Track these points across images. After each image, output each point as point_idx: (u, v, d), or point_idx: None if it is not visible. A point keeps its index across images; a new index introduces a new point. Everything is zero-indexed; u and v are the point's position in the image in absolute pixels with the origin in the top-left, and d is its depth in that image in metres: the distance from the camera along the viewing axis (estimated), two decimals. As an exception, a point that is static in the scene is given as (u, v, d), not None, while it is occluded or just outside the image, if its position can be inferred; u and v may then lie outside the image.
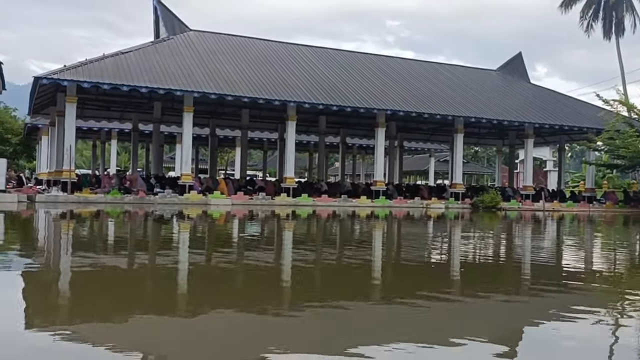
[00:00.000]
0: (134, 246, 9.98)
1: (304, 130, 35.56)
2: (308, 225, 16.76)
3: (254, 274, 7.05)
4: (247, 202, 23.54)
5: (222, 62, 26.47)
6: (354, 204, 25.42)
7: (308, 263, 8.25)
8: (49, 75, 21.43)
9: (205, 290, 5.77)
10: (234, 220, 16.80)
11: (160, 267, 7.41)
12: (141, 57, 24.41)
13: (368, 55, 35.33)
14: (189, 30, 29.05)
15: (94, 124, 36.00)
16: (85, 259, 7.65)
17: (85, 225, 14.17)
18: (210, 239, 11.49)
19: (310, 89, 26.18)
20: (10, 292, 5.56)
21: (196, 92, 23.13)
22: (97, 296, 5.29)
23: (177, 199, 22.43)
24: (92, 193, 22.07)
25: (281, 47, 31.22)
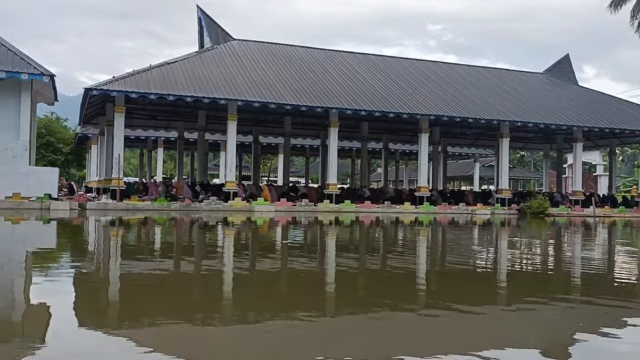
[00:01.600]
0: (183, 252, 10.14)
1: (346, 137, 35.54)
2: (352, 231, 16.70)
3: (302, 280, 7.04)
4: (290, 209, 23.64)
5: (265, 70, 26.75)
6: (398, 210, 25.22)
7: (354, 269, 8.20)
8: (99, 87, 22.08)
9: (252, 296, 5.80)
10: (278, 227, 16.88)
11: (208, 273, 7.50)
12: (186, 67, 24.90)
13: (410, 60, 35.08)
14: (233, 39, 29.47)
15: (141, 132, 36.92)
16: (135, 265, 7.81)
17: (134, 232, 14.49)
18: (257, 246, 11.57)
19: (352, 95, 26.16)
20: (63, 297, 5.72)
21: (240, 101, 23.43)
22: (147, 301, 5.38)
23: (222, 206, 22.71)
24: (140, 200, 22.56)
25: (323, 54, 31.33)
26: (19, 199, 19.49)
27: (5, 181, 19.54)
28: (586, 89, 36.26)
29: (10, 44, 20.93)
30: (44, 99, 23.91)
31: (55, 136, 44.42)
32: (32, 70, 19.89)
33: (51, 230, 14.30)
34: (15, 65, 19.79)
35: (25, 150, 20.37)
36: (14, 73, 19.50)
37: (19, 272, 7.39)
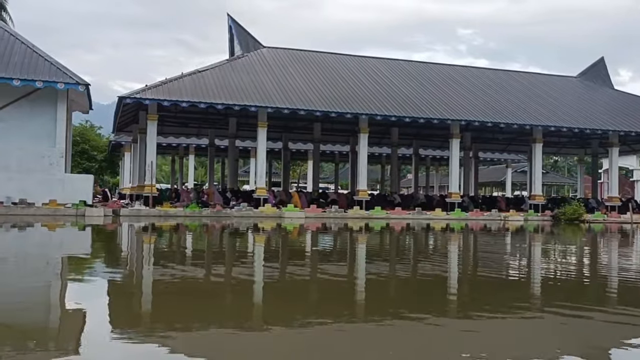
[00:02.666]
0: (215, 259, 10.21)
1: (376, 142, 35.41)
2: (383, 238, 16.60)
3: (333, 287, 7.01)
4: (320, 215, 23.63)
5: (295, 77, 26.86)
6: (429, 217, 24.98)
7: (386, 277, 8.13)
8: (132, 95, 22.47)
9: (283, 302, 5.79)
10: (308, 234, 16.88)
11: (239, 279, 7.52)
12: (217, 75, 25.17)
13: (440, 65, 34.82)
14: (262, 47, 29.69)
15: (173, 140, 37.42)
16: (167, 271, 7.88)
17: (167, 239, 14.65)
18: (287, 252, 11.58)
19: (382, 101, 26.07)
20: (97, 302, 5.80)
21: (270, 108, 23.56)
22: (179, 307, 5.41)
23: (252, 212, 22.83)
24: (172, 207, 22.83)
25: (352, 60, 31.33)
26: (55, 205, 19.91)
27: (42, 188, 20.00)
28: (622, 93, 35.44)
29: (47, 54, 21.47)
30: (79, 107, 24.43)
31: (89, 144, 45.32)
32: (68, 80, 20.35)
33: (86, 236, 14.56)
34: (52, 75, 20.28)
35: (61, 157, 20.82)
36: (50, 82, 19.98)
37: (55, 278, 7.53)
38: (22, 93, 20.26)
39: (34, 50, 21.40)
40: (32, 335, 4.36)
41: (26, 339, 4.23)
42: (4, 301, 5.63)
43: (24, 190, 19.78)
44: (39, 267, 8.70)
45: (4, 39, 21.70)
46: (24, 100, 20.43)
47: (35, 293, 6.30)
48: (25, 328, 4.59)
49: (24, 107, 20.48)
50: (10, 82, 19.45)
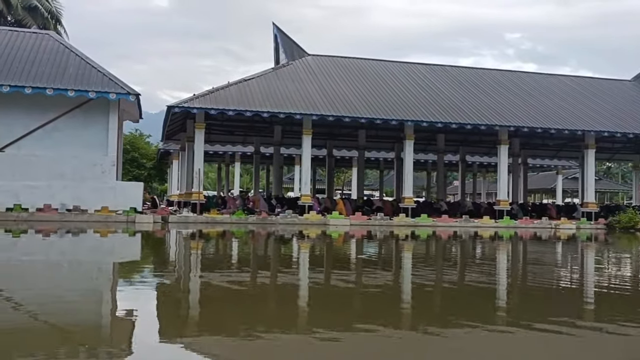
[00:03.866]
0: (261, 265, 10.26)
1: (422, 149, 35.02)
2: (431, 246, 16.37)
3: (379, 294, 6.93)
4: (365, 223, 23.50)
5: (339, 84, 26.88)
6: (476, 225, 24.50)
7: (433, 285, 7.99)
8: (180, 104, 22.92)
9: (328, 308, 5.74)
10: (354, 241, 16.80)
11: (285, 284, 7.52)
12: (263, 84, 25.43)
13: (487, 70, 34.23)
14: (307, 55, 29.85)
15: (219, 147, 37.96)
16: (215, 277, 7.96)
17: (214, 245, 14.84)
18: (333, 259, 11.55)
19: (428, 107, 25.80)
20: (147, 306, 5.91)
21: (315, 115, 23.63)
22: (227, 312, 5.44)
23: (298, 220, 22.90)
24: (219, 214, 23.13)
25: (397, 67, 31.14)
26: (107, 212, 20.47)
27: (95, 195, 20.59)
28: (680, 96, 33.97)
29: (99, 66, 22.15)
30: (130, 116, 25.08)
31: (139, 152, 46.47)
32: (120, 90, 20.93)
33: (137, 242, 14.89)
34: (104, 85, 20.90)
35: (113, 166, 21.40)
36: (103, 93, 20.60)
37: (107, 283, 7.71)
38: (76, 103, 20.94)
39: (87, 62, 22.11)
40: (84, 339, 4.45)
41: (78, 343, 4.33)
42: (58, 305, 5.79)
43: (77, 197, 20.41)
44: (92, 272, 8.93)
45: (60, 52, 22.52)
46: (78, 110, 21.12)
47: (88, 297, 6.45)
48: (78, 332, 4.70)
49: (78, 116, 21.16)
50: (66, 93, 20.15)
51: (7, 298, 6.24)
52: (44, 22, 34.33)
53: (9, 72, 20.44)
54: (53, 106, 20.70)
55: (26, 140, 20.61)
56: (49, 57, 21.98)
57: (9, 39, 22.77)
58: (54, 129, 20.90)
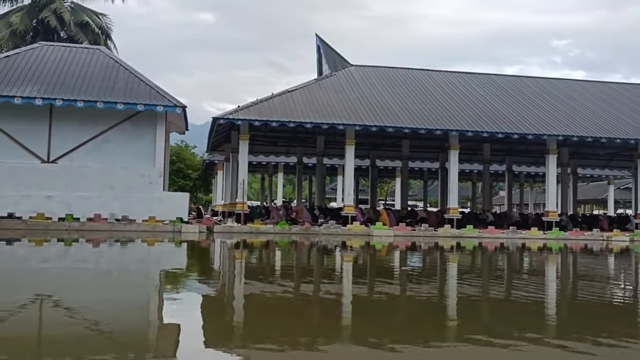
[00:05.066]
0: (305, 275, 10.25)
1: (467, 159, 34.49)
2: (477, 257, 16.05)
3: (423, 306, 6.81)
4: (409, 234, 23.24)
5: (383, 95, 26.79)
6: (524, 236, 23.90)
7: (479, 297, 7.81)
8: (225, 116, 23.27)
9: (371, 320, 5.66)
10: (398, 252, 16.63)
11: (328, 295, 7.48)
12: (306, 94, 25.57)
13: (534, 78, 33.52)
14: (350, 65, 29.90)
15: (263, 158, 38.34)
16: (259, 286, 7.99)
17: (259, 255, 14.94)
18: (377, 270, 11.44)
19: (473, 117, 25.42)
20: (192, 314, 5.97)
21: (358, 125, 23.60)
22: (270, 322, 5.43)
23: (341, 230, 22.84)
24: (263, 224, 23.30)
25: (441, 76, 30.84)
26: (154, 222, 20.89)
27: (143, 206, 21.06)
28: None
29: (147, 79, 22.72)
30: (176, 128, 25.60)
31: (185, 163, 47.41)
32: (167, 103, 21.41)
33: (184, 252, 15.12)
34: (152, 98, 21.41)
35: (160, 176, 21.85)
36: (151, 106, 21.10)
37: (154, 291, 7.83)
38: (125, 116, 21.52)
39: (136, 75, 22.71)
40: (131, 346, 4.52)
41: (126, 349, 4.40)
42: (106, 312, 5.91)
43: (126, 207, 20.91)
44: (140, 280, 9.10)
45: (110, 66, 23.21)
46: (127, 123, 21.68)
47: (135, 305, 6.57)
48: (125, 339, 4.78)
49: (127, 129, 21.72)
50: (115, 106, 20.73)
51: (58, 305, 6.41)
52: (94, 37, 35.50)
53: (62, 86, 21.18)
54: (103, 119, 21.32)
55: (78, 152, 21.27)
56: (99, 71, 22.68)
57: (62, 55, 23.62)
58: (104, 141, 21.51)
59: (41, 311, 6.06)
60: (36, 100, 20.22)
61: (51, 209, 20.25)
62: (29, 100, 20.18)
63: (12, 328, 5.17)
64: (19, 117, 20.66)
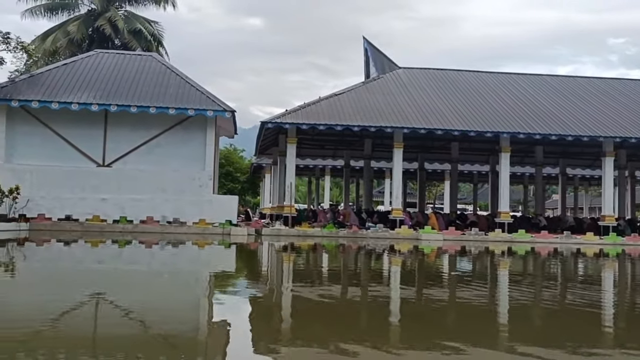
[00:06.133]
0: (352, 278, 10.19)
1: (518, 162, 33.69)
2: (530, 263, 15.62)
3: (475, 312, 6.65)
4: (459, 238, 22.84)
5: (431, 97, 26.48)
6: (579, 241, 23.12)
7: (532, 305, 7.57)
8: (273, 120, 23.48)
9: (420, 325, 5.56)
10: (448, 256, 16.36)
11: (378, 299, 7.40)
12: (353, 98, 25.52)
13: (588, 78, 32.46)
14: (398, 67, 29.69)
15: (310, 161, 38.45)
16: (307, 289, 7.98)
17: (307, 258, 14.96)
18: (426, 274, 11.27)
19: (524, 119, 24.81)
20: (242, 316, 6.01)
21: (406, 128, 23.39)
22: (318, 325, 5.40)
23: (389, 234, 22.66)
24: (310, 227, 23.36)
25: (491, 77, 30.24)
26: (204, 224, 21.25)
27: (193, 209, 21.45)
28: None
29: (197, 84, 23.17)
30: (225, 132, 25.99)
31: (233, 166, 48.04)
32: (216, 107, 21.77)
33: (233, 254, 15.30)
34: (202, 103, 21.82)
35: (210, 180, 22.22)
36: (201, 110, 21.51)
37: (204, 293, 7.93)
38: (176, 121, 21.99)
39: (186, 81, 23.19)
40: (181, 347, 4.58)
41: (176, 349, 4.46)
42: (158, 313, 6.02)
43: (177, 210, 21.34)
44: (191, 282, 9.25)
45: (161, 72, 23.78)
46: (178, 127, 22.15)
47: (186, 306, 6.67)
48: (175, 340, 4.85)
49: (178, 133, 22.19)
50: (167, 111, 21.22)
51: (111, 305, 6.57)
52: (147, 44, 36.46)
53: (117, 92, 21.82)
54: (155, 123, 21.85)
55: (131, 156, 21.86)
56: (152, 77, 23.26)
57: (117, 62, 24.35)
58: (156, 145, 22.04)
59: (96, 310, 6.23)
60: (92, 106, 20.91)
61: (106, 212, 20.87)
62: (86, 106, 20.88)
63: (68, 325, 5.33)
64: (76, 123, 21.39)
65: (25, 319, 5.55)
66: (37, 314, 5.73)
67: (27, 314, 5.78)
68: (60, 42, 34.94)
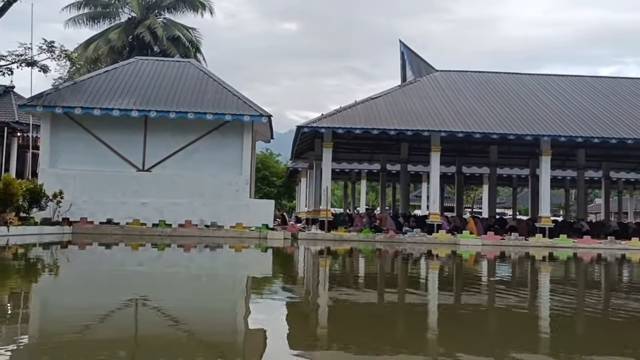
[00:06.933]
0: (389, 284, 10.10)
1: (559, 165, 32.92)
2: (573, 268, 15.22)
3: (516, 319, 6.49)
4: (498, 243, 22.42)
5: (469, 100, 26.13)
6: (624, 247, 22.40)
7: (575, 313, 7.35)
8: (309, 124, 23.54)
9: (459, 331, 5.45)
10: (489, 262, 16.07)
11: (414, 305, 7.31)
12: (389, 101, 25.39)
13: (632, 79, 31.50)
14: (435, 70, 29.40)
15: (346, 165, 38.43)
16: (343, 294, 7.94)
17: (343, 262, 14.91)
18: (464, 280, 11.09)
19: (565, 121, 24.24)
20: (279, 318, 6.01)
21: (443, 132, 23.14)
22: (354, 329, 5.35)
23: (426, 238, 22.40)
24: (346, 231, 23.29)
25: (530, 79, 29.67)
26: (241, 228, 21.42)
27: (230, 213, 21.66)
28: None
29: (234, 89, 23.40)
30: (262, 137, 26.17)
31: (269, 170, 48.40)
32: (253, 112, 21.94)
33: (270, 258, 15.36)
34: (239, 108, 22.02)
35: (246, 184, 22.40)
36: (238, 116, 21.71)
37: (243, 295, 7.97)
38: (214, 126, 22.25)
39: (224, 86, 23.45)
40: (219, 348, 4.60)
41: (214, 351, 4.48)
42: (196, 315, 6.07)
43: (214, 214, 21.58)
44: (229, 285, 9.31)
45: (199, 78, 24.11)
46: (216, 132, 22.41)
47: (224, 308, 6.70)
48: (213, 340, 4.88)
49: (216, 138, 22.44)
50: (204, 116, 21.49)
51: (152, 306, 6.65)
52: (185, 50, 37.08)
53: (156, 98, 22.22)
54: (193, 129, 22.15)
55: (170, 160, 22.21)
56: (190, 83, 23.60)
57: (156, 68, 24.80)
58: (194, 150, 22.34)
59: (136, 312, 6.32)
60: (132, 112, 21.34)
61: (145, 215, 21.25)
62: (126, 112, 21.32)
63: (110, 327, 5.42)
64: (117, 128, 21.85)
65: (72, 319, 5.67)
66: (83, 315, 5.86)
67: (73, 315, 5.91)
68: (101, 49, 35.84)
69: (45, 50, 22.51)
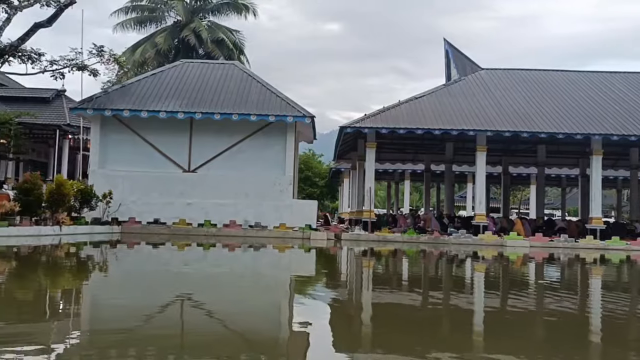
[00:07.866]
0: (433, 285, 9.95)
1: (611, 165, 31.86)
2: (629, 271, 14.68)
3: (564, 323, 6.28)
4: (546, 245, 21.83)
5: (516, 98, 25.55)
6: (681, 249, 21.48)
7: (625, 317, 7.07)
8: (352, 125, 23.46)
9: (506, 336, 5.30)
10: (537, 264, 15.67)
11: (460, 307, 7.16)
12: (434, 101, 25.06)
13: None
14: (480, 69, 28.88)
15: (389, 166, 38.14)
16: (386, 295, 7.85)
17: (387, 263, 14.79)
18: (511, 283, 10.83)
19: (617, 119, 23.42)
20: (322, 319, 5.98)
21: (489, 131, 22.69)
22: (398, 331, 5.27)
23: (472, 240, 22.01)
24: (390, 232, 23.11)
25: (579, 76, 28.78)
26: (284, 228, 21.53)
27: (274, 213, 21.80)
28: None
29: (277, 91, 23.55)
30: (305, 138, 26.25)
31: (312, 171, 48.51)
32: (296, 113, 22.04)
33: (313, 258, 15.38)
34: (282, 109, 22.16)
35: (290, 185, 22.50)
36: (281, 117, 21.85)
37: (286, 296, 7.98)
38: (257, 127, 22.45)
39: (267, 88, 23.63)
40: (262, 348, 4.61)
41: (257, 351, 4.48)
42: (240, 314, 6.11)
43: (258, 214, 21.76)
44: (273, 285, 9.35)
45: (244, 80, 24.37)
46: (260, 133, 22.60)
47: (268, 309, 6.73)
48: (256, 341, 4.89)
49: (259, 139, 22.64)
50: (248, 117, 21.70)
51: (197, 306, 6.73)
52: (229, 53, 37.58)
53: (201, 100, 22.57)
54: (238, 130, 22.40)
55: (215, 161, 22.51)
56: (234, 85, 23.88)
57: (201, 71, 25.19)
58: (238, 150, 22.58)
59: (182, 311, 6.41)
60: (178, 114, 21.73)
61: (191, 216, 21.60)
62: (172, 114, 21.72)
63: (157, 326, 5.50)
64: (164, 130, 22.30)
65: (123, 316, 5.79)
66: (133, 312, 5.98)
67: (123, 312, 6.03)
68: (148, 53, 36.69)
69: (95, 54, 23.18)
